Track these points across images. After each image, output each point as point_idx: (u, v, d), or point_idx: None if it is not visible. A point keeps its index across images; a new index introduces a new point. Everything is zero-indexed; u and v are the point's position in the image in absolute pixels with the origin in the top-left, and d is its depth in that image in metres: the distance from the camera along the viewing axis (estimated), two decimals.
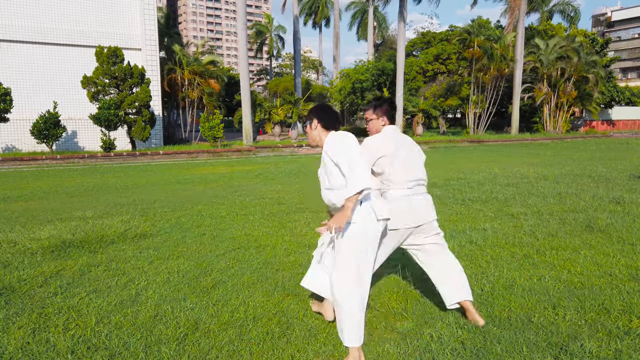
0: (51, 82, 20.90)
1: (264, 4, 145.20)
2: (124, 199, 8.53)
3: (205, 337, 3.05)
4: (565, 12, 39.47)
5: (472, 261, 4.53)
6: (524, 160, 15.57)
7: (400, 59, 27.83)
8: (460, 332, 3.05)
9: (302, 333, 3.10)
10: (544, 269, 4.27)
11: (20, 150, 20.03)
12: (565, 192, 8.44)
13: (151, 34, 22.76)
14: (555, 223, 6.07)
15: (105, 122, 18.57)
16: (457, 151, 21.40)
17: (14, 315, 3.40)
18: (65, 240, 5.40)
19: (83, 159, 17.76)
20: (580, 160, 15.41)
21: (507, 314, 3.33)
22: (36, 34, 20.59)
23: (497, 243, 5.14)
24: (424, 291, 3.78)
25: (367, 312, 3.36)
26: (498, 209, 7.09)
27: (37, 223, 6.43)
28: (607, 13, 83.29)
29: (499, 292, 3.71)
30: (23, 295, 3.80)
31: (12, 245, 5.25)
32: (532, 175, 10.97)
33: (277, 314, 3.39)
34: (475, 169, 12.69)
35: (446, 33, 45.15)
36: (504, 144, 27.36)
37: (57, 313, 3.44)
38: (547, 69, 34.86)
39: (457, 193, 8.60)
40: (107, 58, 18.95)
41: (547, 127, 36.68)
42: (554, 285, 3.86)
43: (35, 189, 10.03)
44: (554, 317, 3.26)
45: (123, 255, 4.88)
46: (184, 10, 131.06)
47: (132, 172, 13.91)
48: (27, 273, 4.33)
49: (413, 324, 3.21)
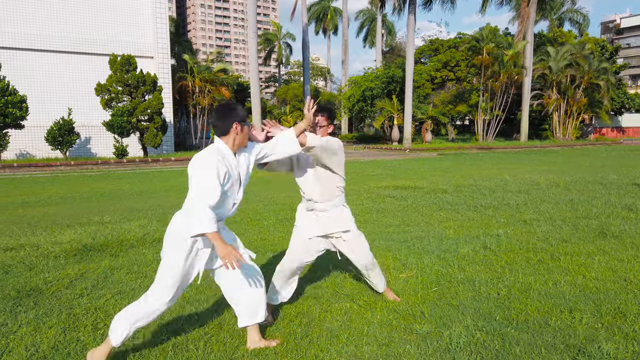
0: (66, 90, 21.24)
1: (272, 12, 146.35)
2: (139, 205, 8.67)
3: (230, 337, 3.14)
4: (574, 20, 39.50)
5: (487, 266, 4.59)
6: (534, 167, 15.58)
7: (409, 67, 27.96)
8: (478, 334, 3.12)
9: (324, 334, 3.18)
10: (559, 274, 4.33)
11: (35, 156, 20.33)
12: (577, 199, 8.46)
13: (163, 42, 23.08)
14: (568, 229, 6.11)
15: (118, 129, 18.83)
16: (467, 158, 21.42)
17: (44, 316, 3.51)
18: (87, 244, 5.53)
19: (96, 165, 18.00)
20: (591, 167, 15.39)
21: (524, 317, 3.39)
22: (52, 42, 20.98)
23: (511, 248, 5.20)
24: (440, 294, 3.85)
25: (379, 313, 3.45)
26: (510, 215, 7.14)
27: (58, 227, 6.58)
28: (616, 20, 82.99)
29: (515, 296, 3.77)
30: (50, 297, 3.91)
31: (36, 249, 5.39)
32: (543, 182, 10.99)
33: (298, 316, 3.48)
34: (486, 176, 12.73)
35: (454, 40, 45.27)
36: (513, 151, 27.33)
37: (85, 313, 3.55)
38: (556, 76, 34.83)
39: (469, 199, 8.65)
40: (121, 66, 19.24)
41: (557, 134, 36.59)
42: (570, 289, 3.91)
43: (52, 195, 10.21)
44: (571, 320, 3.32)
45: (144, 259, 5.00)
46: (193, 19, 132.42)
47: (145, 178, 14.09)
48: (52, 275, 4.45)
49: (432, 326, 3.28)
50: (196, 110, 27.94)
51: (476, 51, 31.83)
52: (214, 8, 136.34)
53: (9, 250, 5.34)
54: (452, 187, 10.36)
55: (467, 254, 5.00)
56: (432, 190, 9.91)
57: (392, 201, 8.71)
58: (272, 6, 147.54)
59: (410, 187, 10.51)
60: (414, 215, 7.32)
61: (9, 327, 3.32)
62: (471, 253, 5.03)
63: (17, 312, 3.57)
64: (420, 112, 31.99)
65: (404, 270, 4.48)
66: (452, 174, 13.56)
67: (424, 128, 32.38)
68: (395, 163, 18.82)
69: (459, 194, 9.34)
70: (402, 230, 6.31)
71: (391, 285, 4.07)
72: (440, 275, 4.32)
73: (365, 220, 7.00)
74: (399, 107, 31.37)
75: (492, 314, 3.45)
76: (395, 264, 4.69)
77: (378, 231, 6.25)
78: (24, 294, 3.95)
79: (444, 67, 43.27)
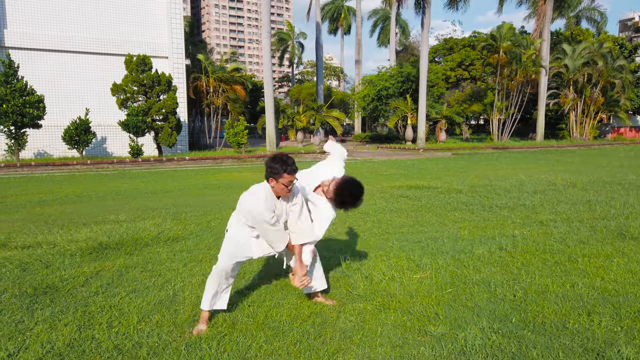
0: (82, 90, 21.50)
1: (285, 12, 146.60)
2: (154, 203, 8.74)
3: (243, 336, 3.14)
4: (591, 18, 38.89)
5: (502, 267, 4.53)
6: (551, 167, 15.36)
7: (423, 66, 27.77)
8: (494, 336, 3.07)
9: (338, 334, 3.16)
10: (577, 276, 4.25)
11: (52, 155, 20.61)
12: (595, 200, 8.32)
13: (178, 42, 23.24)
14: (586, 230, 6.01)
15: (133, 129, 19.00)
16: (482, 158, 21.21)
17: (60, 313, 3.55)
18: (102, 242, 5.59)
19: (112, 164, 18.19)
20: (608, 167, 15.13)
21: (541, 319, 3.33)
22: (68, 43, 21.25)
23: (527, 250, 5.12)
24: (455, 295, 3.80)
25: (391, 314, 3.41)
26: (526, 216, 7.04)
27: (74, 226, 6.65)
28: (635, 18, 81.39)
29: (532, 298, 3.71)
30: (66, 294, 3.95)
31: (52, 247, 5.46)
32: (560, 183, 10.84)
33: (312, 316, 3.47)
34: (501, 176, 12.59)
35: (469, 39, 44.91)
36: (529, 150, 27.00)
37: (100, 311, 3.58)
38: (573, 75, 34.34)
39: (484, 200, 8.56)
40: (136, 66, 19.41)
41: (574, 134, 36.07)
42: (588, 292, 3.84)
43: (69, 193, 10.34)
44: (589, 323, 3.26)
45: (158, 258, 5.03)
46: (207, 19, 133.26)
47: (160, 177, 14.20)
48: (68, 273, 4.50)
49: (446, 327, 3.24)
50: (210, 110, 28.08)
51: (492, 50, 31.49)
52: (228, 8, 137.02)
53: (26, 248, 5.41)
54: (466, 187, 10.26)
55: (482, 254, 4.94)
56: (447, 190, 9.83)
57: (405, 201, 8.65)
58: (285, 6, 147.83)
59: (424, 187, 10.44)
60: (428, 216, 7.26)
61: (26, 324, 3.36)
62: (486, 254, 4.97)
63: (33, 310, 3.61)
64: (434, 112, 31.77)
65: (418, 271, 4.44)
66: (466, 174, 13.43)
67: (438, 127, 32.16)
68: (409, 163, 18.71)
69: (473, 194, 9.24)
70: (416, 230, 6.26)
71: (405, 286, 4.04)
72: (455, 277, 4.27)
73: (379, 220, 6.97)
74: (412, 107, 31.20)
75: (508, 316, 3.40)
76: (409, 265, 4.65)
77: (392, 231, 6.21)
78: (41, 292, 4.00)
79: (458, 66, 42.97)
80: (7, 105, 16.72)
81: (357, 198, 3.45)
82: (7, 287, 4.11)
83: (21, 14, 20.55)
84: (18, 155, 17.82)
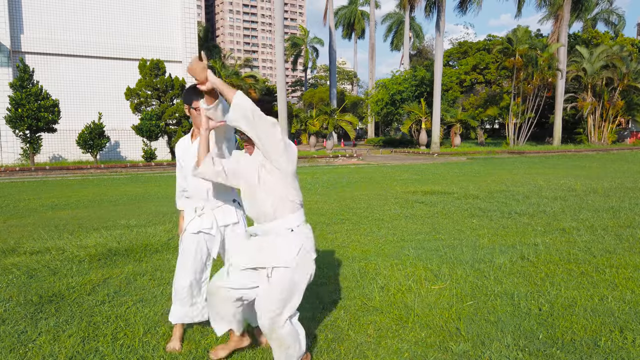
0: (96, 94, 21.65)
1: (299, 17, 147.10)
2: (165, 208, 8.65)
3: (253, 351, 2.97)
4: (609, 20, 38.26)
5: (525, 278, 4.31)
6: (569, 173, 15.00)
7: (437, 70, 27.50)
8: (521, 354, 2.87)
9: (352, 349, 2.99)
10: (605, 288, 4.02)
11: (66, 159, 20.76)
12: (619, 207, 8.02)
13: (191, 47, 23.30)
14: (611, 239, 5.75)
15: (147, 133, 19.04)
16: (498, 162, 20.85)
17: (64, 323, 3.42)
18: (112, 248, 5.48)
19: (125, 168, 18.23)
20: (629, 172, 14.72)
21: (570, 336, 3.12)
22: (83, 47, 21.42)
23: (550, 259, 4.89)
24: (477, 308, 3.60)
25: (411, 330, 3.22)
26: (547, 223, 6.79)
27: (84, 231, 6.57)
28: None
29: (559, 313, 3.49)
30: (72, 303, 3.83)
31: (61, 253, 5.36)
32: (580, 189, 10.52)
33: (325, 329, 3.29)
34: (518, 181, 12.29)
35: (484, 43, 44.41)
36: (546, 155, 26.52)
37: (105, 322, 3.45)
38: (591, 79, 33.74)
39: (502, 206, 8.31)
40: (150, 70, 19.47)
41: (592, 139, 35.42)
42: (619, 306, 3.61)
43: (81, 198, 10.31)
44: (623, 341, 3.04)
45: (167, 265, 4.90)
46: (221, 24, 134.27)
47: (172, 181, 14.14)
48: (75, 281, 4.38)
49: (469, 344, 3.04)
50: None
51: (508, 53, 31.07)
52: (242, 14, 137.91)
53: (35, 254, 5.33)
54: (483, 193, 10.00)
55: (503, 264, 4.73)
56: (463, 196, 9.59)
57: (421, 207, 8.44)
58: (299, 11, 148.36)
59: (440, 192, 10.20)
60: (445, 222, 7.04)
61: (29, 334, 3.24)
62: (508, 264, 4.75)
63: (37, 319, 3.50)
64: (449, 116, 31.43)
65: (437, 282, 4.24)
66: (483, 179, 13.15)
67: (453, 132, 31.82)
68: (424, 167, 18.45)
69: (491, 200, 8.99)
70: (433, 237, 6.06)
71: (423, 297, 3.84)
72: (475, 288, 4.07)
73: (394, 226, 6.77)
74: (427, 111, 30.90)
75: (534, 332, 3.19)
76: (426, 275, 4.45)
77: (407, 239, 6.01)
78: (46, 300, 3.89)
79: (473, 70, 42.46)
80: (22, 110, 16.86)
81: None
82: (12, 295, 4.01)
83: (38, 20, 20.78)
84: (33, 159, 17.94)
